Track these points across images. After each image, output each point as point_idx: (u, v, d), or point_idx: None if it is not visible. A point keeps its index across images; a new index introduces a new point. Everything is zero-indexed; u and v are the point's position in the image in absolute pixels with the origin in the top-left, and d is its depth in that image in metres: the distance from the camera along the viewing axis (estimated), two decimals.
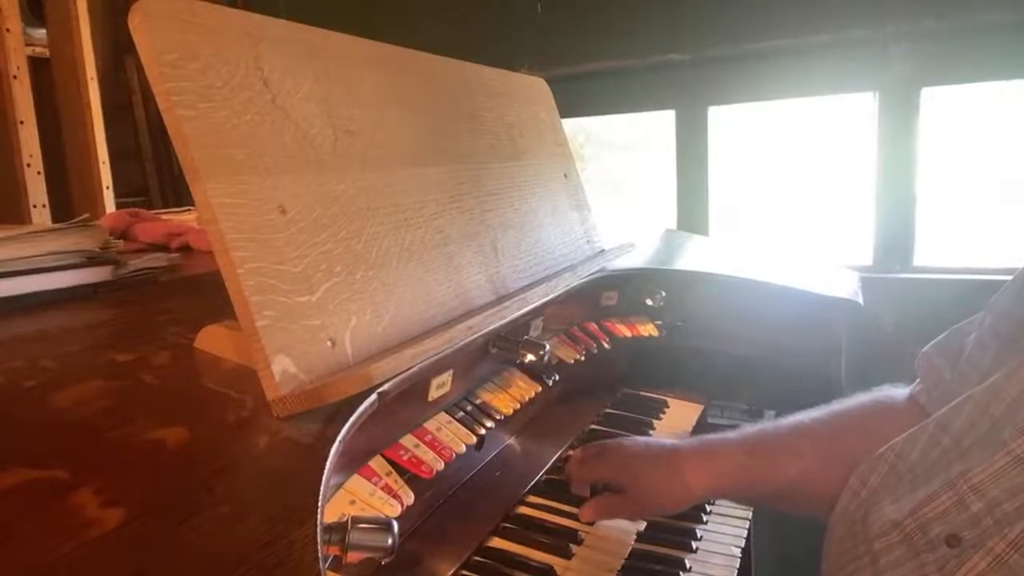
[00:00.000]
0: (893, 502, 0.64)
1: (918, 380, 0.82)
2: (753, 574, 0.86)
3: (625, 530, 0.85)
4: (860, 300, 1.24)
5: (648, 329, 1.26)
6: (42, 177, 2.21)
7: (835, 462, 0.75)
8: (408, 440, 0.74)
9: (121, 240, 1.28)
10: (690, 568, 0.81)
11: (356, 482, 0.65)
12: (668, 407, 1.21)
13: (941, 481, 0.61)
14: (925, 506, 0.61)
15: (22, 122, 2.16)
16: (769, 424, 0.86)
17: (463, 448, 0.78)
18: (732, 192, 2.19)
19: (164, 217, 1.54)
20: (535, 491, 0.90)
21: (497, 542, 0.80)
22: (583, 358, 1.08)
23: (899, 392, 0.84)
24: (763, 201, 2.26)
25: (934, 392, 0.77)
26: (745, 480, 0.80)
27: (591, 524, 0.85)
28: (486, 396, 0.88)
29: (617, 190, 2.65)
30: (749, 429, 0.85)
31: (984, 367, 0.69)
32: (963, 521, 0.58)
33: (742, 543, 0.86)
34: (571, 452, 0.93)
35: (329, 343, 0.60)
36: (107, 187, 2.35)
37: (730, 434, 0.85)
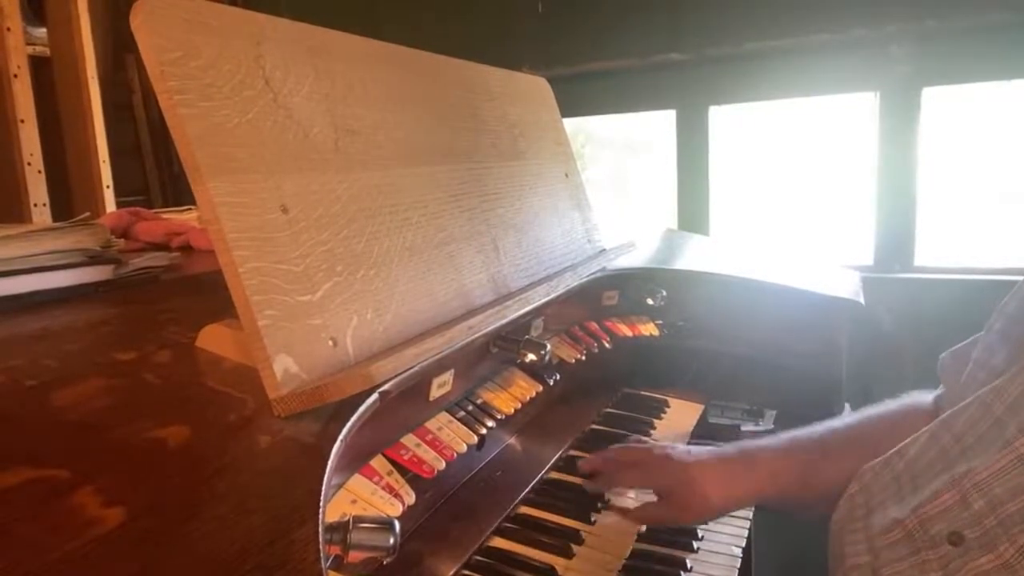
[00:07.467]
0: (897, 502, 0.65)
1: (941, 385, 0.83)
2: (753, 574, 0.85)
3: (626, 530, 0.85)
4: (861, 300, 1.24)
5: (649, 329, 1.26)
6: (42, 176, 2.21)
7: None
8: (409, 439, 0.74)
9: (122, 239, 1.28)
10: (691, 568, 0.80)
11: (357, 481, 0.65)
12: (668, 407, 1.21)
13: (945, 480, 0.61)
14: (927, 504, 0.61)
15: (23, 121, 2.16)
16: (805, 430, 0.86)
17: (464, 448, 0.78)
18: (732, 192, 2.19)
19: (165, 216, 1.53)
20: (536, 490, 0.90)
21: (498, 542, 0.80)
22: (584, 358, 1.08)
23: (926, 397, 0.85)
24: (763, 201, 2.26)
25: (951, 395, 0.77)
26: (789, 485, 0.81)
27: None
28: (487, 396, 0.88)
29: (617, 190, 2.65)
30: (786, 436, 0.86)
31: (995, 368, 0.69)
32: (965, 519, 0.58)
33: (743, 543, 0.86)
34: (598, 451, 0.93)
35: (330, 342, 0.59)
36: (107, 186, 2.35)
37: (769, 440, 0.86)
